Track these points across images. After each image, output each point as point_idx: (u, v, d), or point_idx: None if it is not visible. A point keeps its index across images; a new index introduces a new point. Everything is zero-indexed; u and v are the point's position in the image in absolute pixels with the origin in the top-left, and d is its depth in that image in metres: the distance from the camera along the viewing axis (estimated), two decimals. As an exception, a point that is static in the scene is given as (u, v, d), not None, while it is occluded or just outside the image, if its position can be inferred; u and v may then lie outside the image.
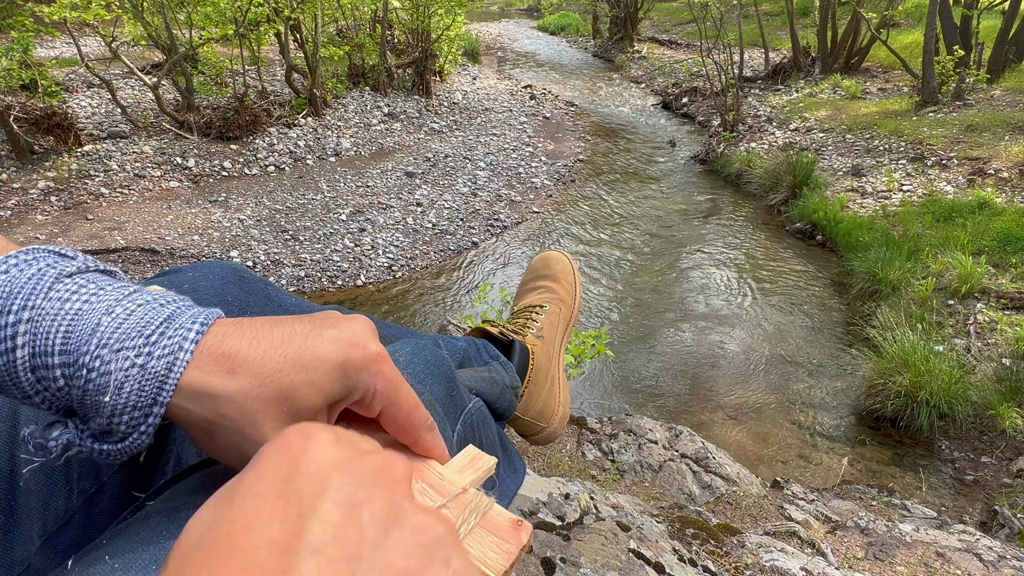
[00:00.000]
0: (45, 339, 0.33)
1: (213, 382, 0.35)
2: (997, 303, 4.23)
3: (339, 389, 0.37)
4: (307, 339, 0.37)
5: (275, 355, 0.36)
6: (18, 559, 0.44)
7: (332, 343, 0.37)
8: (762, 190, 6.69)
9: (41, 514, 0.45)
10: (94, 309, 0.34)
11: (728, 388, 4.08)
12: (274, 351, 0.36)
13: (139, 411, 0.34)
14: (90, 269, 0.37)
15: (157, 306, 0.36)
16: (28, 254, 0.35)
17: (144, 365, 0.34)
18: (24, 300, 0.33)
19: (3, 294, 0.33)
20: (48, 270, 0.35)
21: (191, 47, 7.34)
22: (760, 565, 1.57)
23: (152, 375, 0.34)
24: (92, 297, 0.35)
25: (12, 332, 0.33)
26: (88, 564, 0.34)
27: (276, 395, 0.36)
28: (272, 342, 0.36)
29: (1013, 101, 7.18)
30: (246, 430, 0.35)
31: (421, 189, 6.83)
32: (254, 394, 0.35)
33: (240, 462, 0.35)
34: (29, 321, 0.33)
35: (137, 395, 0.34)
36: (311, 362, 0.36)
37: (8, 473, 0.45)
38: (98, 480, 0.49)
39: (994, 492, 3.10)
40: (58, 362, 0.33)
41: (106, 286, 0.36)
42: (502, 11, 22.90)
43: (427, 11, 9.05)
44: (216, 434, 0.36)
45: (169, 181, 6.48)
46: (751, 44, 11.57)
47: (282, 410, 0.36)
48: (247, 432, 0.36)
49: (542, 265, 1.16)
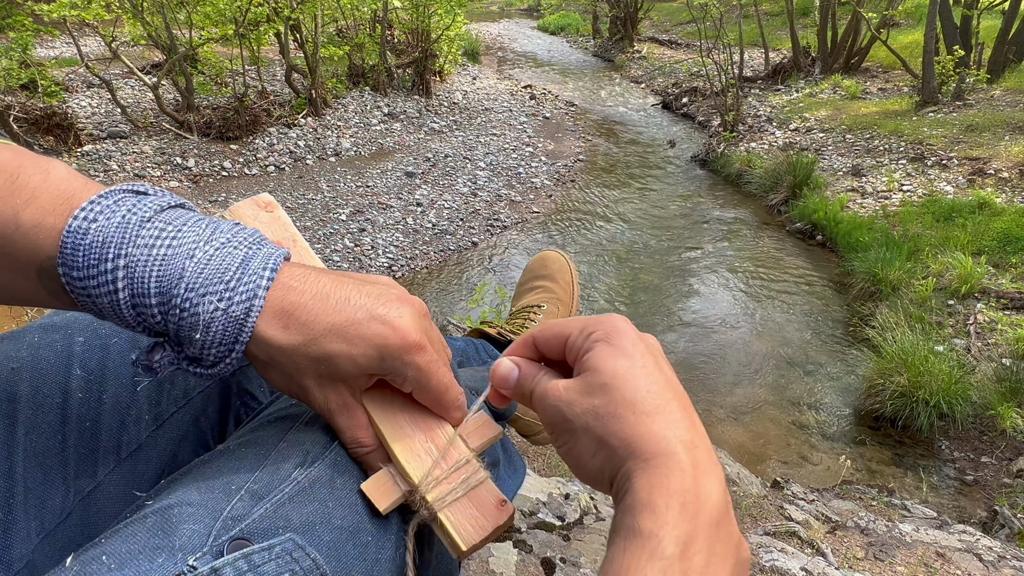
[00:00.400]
0: (141, 283, 0.38)
1: (269, 332, 0.40)
2: (997, 303, 4.23)
3: (375, 367, 0.42)
4: (357, 313, 0.41)
5: (325, 320, 0.40)
6: (17, 556, 0.44)
7: (379, 325, 0.41)
8: (762, 190, 6.69)
9: (39, 511, 0.46)
10: (177, 254, 0.39)
11: (728, 388, 4.08)
12: (325, 316, 0.41)
13: (224, 346, 0.40)
14: (164, 208, 0.41)
15: (231, 248, 0.40)
16: (109, 198, 0.39)
17: (226, 310, 0.39)
18: (117, 248, 0.38)
19: (97, 243, 0.38)
20: (130, 216, 0.39)
21: (191, 47, 7.34)
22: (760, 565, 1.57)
23: (232, 318, 0.39)
24: (173, 241, 0.39)
25: (112, 277, 0.38)
26: (86, 563, 0.35)
27: (319, 355, 0.41)
28: (326, 306, 0.41)
29: (1013, 101, 7.18)
30: (291, 374, 0.42)
31: (421, 189, 6.83)
32: (301, 351, 0.40)
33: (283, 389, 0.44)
34: (125, 267, 0.38)
35: (222, 334, 0.39)
36: (353, 337, 0.41)
37: (6, 470, 0.45)
38: (95, 478, 0.49)
39: (994, 492, 3.09)
40: (155, 302, 0.39)
41: (182, 226, 0.40)
42: (502, 11, 22.89)
43: (427, 11, 9.05)
44: (270, 371, 0.42)
45: (169, 181, 6.48)
46: (751, 44, 11.57)
47: (322, 369, 0.41)
48: (292, 375, 0.42)
49: (539, 265, 1.15)
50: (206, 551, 0.36)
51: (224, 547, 0.36)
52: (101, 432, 0.49)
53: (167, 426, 0.52)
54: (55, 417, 0.48)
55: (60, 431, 0.48)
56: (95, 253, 0.37)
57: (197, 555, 0.35)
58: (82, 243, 0.37)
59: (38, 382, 0.48)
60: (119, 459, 0.50)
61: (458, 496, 0.42)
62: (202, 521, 0.37)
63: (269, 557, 0.36)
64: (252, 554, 0.36)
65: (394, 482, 0.43)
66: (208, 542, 0.36)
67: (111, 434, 0.50)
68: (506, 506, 0.43)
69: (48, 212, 0.38)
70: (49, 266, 0.38)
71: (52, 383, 0.48)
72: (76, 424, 0.48)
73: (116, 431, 0.50)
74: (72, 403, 0.48)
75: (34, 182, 0.38)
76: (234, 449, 0.45)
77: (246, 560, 0.35)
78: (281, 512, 0.39)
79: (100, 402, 0.50)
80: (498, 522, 0.42)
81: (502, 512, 0.43)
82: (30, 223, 0.37)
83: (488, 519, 0.42)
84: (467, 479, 0.43)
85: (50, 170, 0.39)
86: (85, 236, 0.37)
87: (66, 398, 0.48)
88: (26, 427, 0.46)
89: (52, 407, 0.48)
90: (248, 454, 0.44)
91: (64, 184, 0.39)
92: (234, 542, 0.37)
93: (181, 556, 0.35)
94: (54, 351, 0.50)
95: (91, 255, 0.37)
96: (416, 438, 0.44)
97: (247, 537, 0.37)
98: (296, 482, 0.42)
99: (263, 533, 0.38)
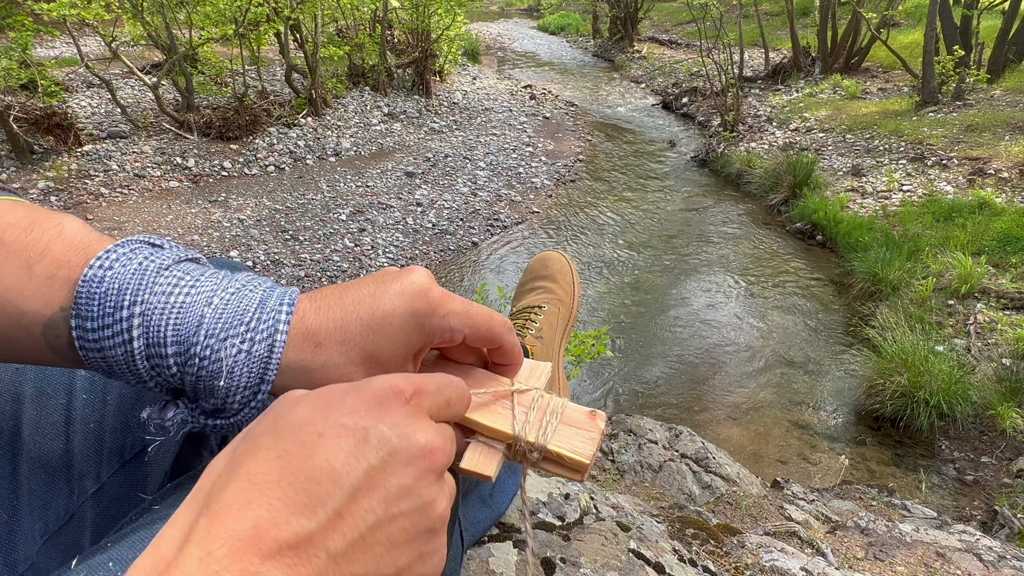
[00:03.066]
0: (157, 331, 0.37)
1: (307, 358, 0.38)
2: (997, 303, 4.23)
3: (416, 338, 0.40)
4: (375, 300, 0.40)
5: (352, 321, 0.39)
6: (21, 558, 0.44)
7: (398, 297, 0.40)
8: (762, 190, 6.69)
9: (43, 513, 0.46)
10: (195, 301, 0.38)
11: (728, 388, 4.08)
12: (350, 318, 0.39)
13: (248, 390, 0.38)
14: (180, 260, 0.41)
15: (248, 292, 0.39)
16: (125, 247, 0.39)
17: (249, 350, 0.37)
18: (133, 296, 0.37)
19: (113, 290, 0.37)
20: (148, 263, 0.38)
21: (191, 47, 7.34)
22: (760, 565, 1.57)
23: (257, 358, 0.38)
24: (191, 290, 0.38)
25: (128, 325, 0.36)
26: (93, 568, 0.35)
27: (362, 358, 0.39)
28: (345, 309, 0.40)
29: (1013, 101, 7.18)
30: None
31: (421, 189, 6.83)
32: (342, 361, 0.39)
33: None
34: (141, 315, 0.37)
35: (247, 376, 0.38)
36: (383, 320, 0.39)
37: (10, 472, 0.45)
38: (99, 480, 0.49)
39: (994, 492, 3.10)
40: (171, 352, 0.37)
41: (200, 277, 0.39)
42: (502, 11, 22.88)
43: (427, 11, 9.04)
44: None
45: (169, 181, 6.48)
46: (751, 44, 11.57)
47: (370, 369, 0.40)
48: None
49: (540, 266, 1.15)
50: None
51: None
52: (105, 433, 0.49)
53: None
54: (59, 418, 0.48)
55: (64, 432, 0.48)
56: (111, 301, 0.37)
57: None
58: (97, 291, 0.36)
59: (42, 383, 0.48)
60: (123, 460, 0.50)
61: (555, 425, 0.44)
62: None
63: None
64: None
65: (488, 447, 0.44)
66: None
67: (115, 435, 0.50)
68: (597, 414, 0.45)
69: (62, 264, 0.37)
70: (58, 319, 0.37)
71: (56, 384, 0.48)
72: (80, 426, 0.48)
73: (120, 432, 0.50)
74: (76, 404, 0.48)
75: (48, 236, 0.38)
76: None
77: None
78: None
79: (104, 404, 0.50)
80: (599, 429, 0.44)
81: (597, 420, 0.45)
82: (44, 275, 0.37)
83: (591, 430, 0.44)
84: (551, 409, 0.45)
85: (64, 224, 0.39)
86: (101, 284, 0.37)
87: (70, 399, 0.48)
88: (30, 428, 0.46)
89: (56, 408, 0.48)
90: None
91: (79, 237, 0.39)
92: None
93: None
94: None
95: (107, 303, 0.36)
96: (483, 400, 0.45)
97: None
98: None
99: None
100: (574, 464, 0.43)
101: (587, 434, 0.44)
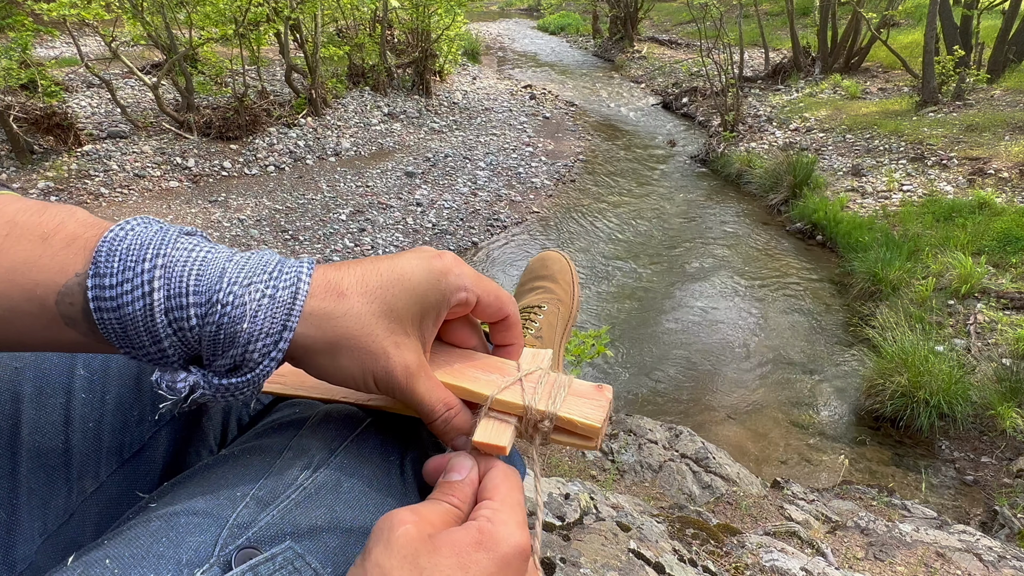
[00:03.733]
0: (179, 282, 0.37)
1: (329, 306, 0.40)
2: (997, 303, 4.23)
3: (433, 295, 0.43)
4: (394, 260, 0.43)
5: (373, 276, 0.42)
6: (20, 557, 0.44)
7: (415, 258, 0.43)
8: (762, 190, 6.69)
9: (42, 513, 0.46)
10: (216, 258, 0.39)
11: (728, 388, 4.08)
12: (370, 273, 0.42)
13: (271, 337, 0.39)
14: (196, 233, 0.42)
15: (267, 254, 0.41)
16: (142, 220, 0.40)
17: (273, 296, 0.39)
18: (156, 249, 0.38)
19: (135, 246, 0.37)
20: (168, 228, 0.40)
21: (191, 47, 7.34)
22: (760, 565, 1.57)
23: (280, 303, 0.39)
24: (212, 250, 0.40)
25: (149, 276, 0.37)
26: (89, 565, 0.35)
27: (383, 309, 0.41)
28: (366, 268, 0.42)
29: (1013, 101, 7.18)
30: (366, 343, 0.41)
31: (421, 189, 6.83)
32: (365, 310, 0.41)
33: (361, 378, 0.42)
34: (163, 267, 0.37)
35: (270, 322, 0.38)
36: (404, 275, 0.42)
37: (10, 471, 0.45)
38: (98, 479, 0.49)
39: (994, 492, 3.10)
40: (192, 301, 0.37)
41: (216, 245, 0.41)
42: (502, 11, 22.89)
43: (427, 11, 9.05)
44: (339, 354, 0.41)
45: (169, 181, 6.48)
46: (751, 44, 11.57)
47: (391, 321, 0.41)
48: (367, 345, 0.41)
49: (539, 265, 1.15)
50: (213, 562, 0.36)
51: (231, 556, 0.36)
52: (104, 432, 0.49)
53: (169, 427, 0.52)
54: (58, 417, 0.48)
55: (63, 431, 0.48)
56: (133, 255, 0.37)
57: (204, 567, 0.35)
58: (119, 248, 0.37)
59: (41, 382, 0.48)
60: (122, 460, 0.50)
61: (564, 396, 0.45)
62: (208, 531, 0.37)
63: (273, 568, 0.36)
64: (258, 565, 0.36)
65: (500, 420, 0.45)
66: (215, 552, 0.36)
67: (114, 434, 0.50)
68: (604, 387, 0.46)
69: (78, 236, 0.37)
70: (72, 286, 0.36)
71: (56, 383, 0.48)
72: (79, 424, 0.48)
73: (119, 432, 0.50)
74: (75, 403, 0.48)
75: (60, 217, 0.38)
76: (239, 455, 0.45)
77: (252, 572, 0.35)
78: (288, 519, 0.39)
79: (103, 402, 0.50)
80: (607, 398, 0.46)
81: (604, 391, 0.46)
82: (60, 244, 0.37)
83: (600, 399, 0.45)
84: (558, 383, 0.46)
85: (75, 210, 0.40)
86: (122, 242, 0.37)
87: (69, 398, 0.48)
88: (30, 427, 0.46)
89: (55, 407, 0.48)
90: (253, 461, 0.44)
91: (91, 219, 0.39)
92: (241, 551, 0.36)
93: (187, 572, 0.35)
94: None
95: (128, 257, 0.37)
96: (490, 378, 0.47)
97: (255, 545, 0.37)
98: (302, 488, 0.42)
99: (270, 540, 0.38)
100: (586, 429, 0.44)
101: (596, 402, 0.45)
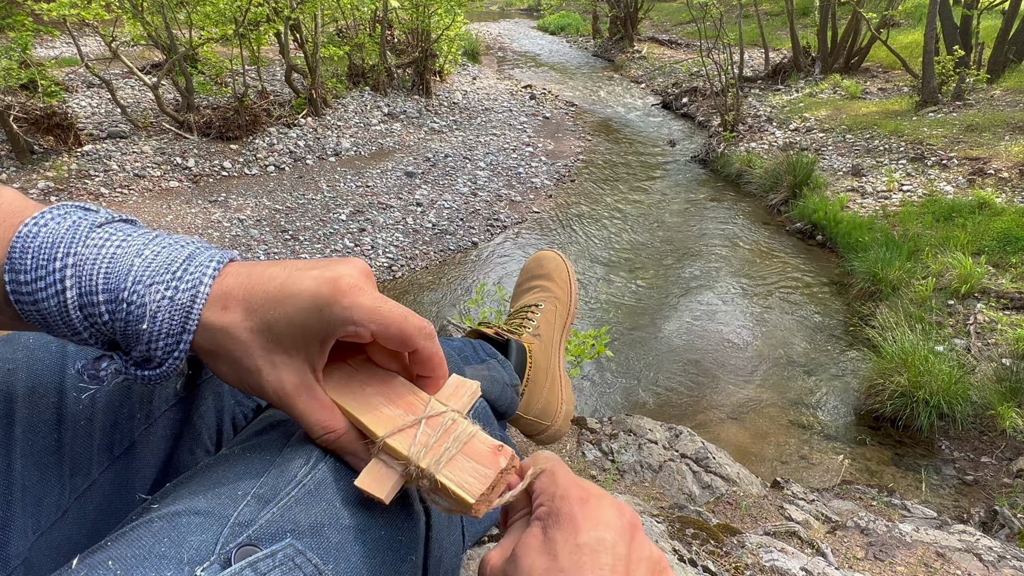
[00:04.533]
0: (89, 280, 0.38)
1: (214, 317, 0.40)
2: (997, 303, 4.23)
3: (316, 323, 0.41)
4: (290, 277, 0.41)
5: (261, 290, 0.41)
6: (14, 553, 0.44)
7: (310, 281, 0.41)
8: (762, 190, 6.69)
9: (36, 509, 0.46)
10: (126, 253, 0.39)
11: (728, 388, 4.08)
12: (258, 288, 0.41)
13: (172, 338, 0.39)
14: (114, 220, 0.42)
15: (179, 247, 0.41)
16: (60, 209, 0.40)
17: (172, 297, 0.39)
18: (67, 248, 0.38)
19: (47, 244, 0.38)
20: (81, 222, 0.40)
21: (191, 47, 7.34)
22: (760, 565, 1.57)
23: (179, 306, 0.39)
24: (123, 243, 0.40)
25: (60, 276, 0.38)
26: (92, 567, 0.35)
27: (260, 327, 0.41)
28: (261, 280, 0.41)
29: (1013, 101, 7.18)
30: (239, 358, 0.41)
31: (421, 189, 6.83)
32: (242, 326, 0.40)
33: (237, 384, 0.42)
34: (74, 266, 0.38)
35: (169, 324, 0.39)
36: (287, 298, 0.40)
37: (5, 468, 0.45)
38: (90, 477, 0.49)
39: (994, 492, 3.09)
40: (103, 299, 0.38)
41: (132, 233, 0.41)
42: (502, 11, 22.90)
43: (427, 11, 9.05)
44: (217, 360, 0.42)
45: (169, 181, 6.48)
46: (751, 44, 11.57)
47: (267, 340, 0.41)
48: (241, 360, 0.41)
49: (536, 265, 1.15)
50: (213, 560, 0.36)
51: (232, 554, 0.36)
52: (95, 430, 0.49)
53: (159, 424, 0.52)
54: (51, 416, 0.48)
55: (56, 430, 0.48)
56: (44, 254, 0.38)
57: (204, 565, 0.35)
58: (31, 245, 0.38)
59: (34, 381, 0.48)
60: (112, 457, 0.50)
61: (452, 454, 0.41)
62: (210, 530, 0.37)
63: (273, 564, 0.36)
64: (258, 562, 0.36)
65: (387, 466, 0.42)
66: (216, 550, 0.36)
67: (104, 432, 0.50)
68: (503, 450, 0.42)
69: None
70: None
71: (48, 382, 0.48)
72: (71, 422, 0.48)
73: (109, 429, 0.50)
74: (67, 402, 0.49)
75: None
76: (239, 454, 0.45)
77: (252, 568, 0.35)
78: (288, 516, 0.39)
79: (94, 400, 0.50)
80: (499, 467, 0.41)
81: (500, 456, 0.42)
82: None
83: (489, 466, 0.41)
84: (457, 436, 0.42)
85: (1, 193, 0.40)
86: (35, 239, 0.38)
87: (61, 397, 0.48)
88: (23, 426, 0.46)
89: (48, 406, 0.48)
90: (253, 459, 0.44)
91: (14, 204, 0.40)
92: (242, 549, 0.36)
93: (188, 570, 0.35)
94: (49, 351, 0.50)
95: (40, 256, 0.38)
96: (393, 412, 0.43)
97: (255, 543, 0.37)
98: (302, 484, 0.41)
99: (271, 538, 0.38)
100: (458, 501, 0.40)
101: (483, 470, 0.41)
